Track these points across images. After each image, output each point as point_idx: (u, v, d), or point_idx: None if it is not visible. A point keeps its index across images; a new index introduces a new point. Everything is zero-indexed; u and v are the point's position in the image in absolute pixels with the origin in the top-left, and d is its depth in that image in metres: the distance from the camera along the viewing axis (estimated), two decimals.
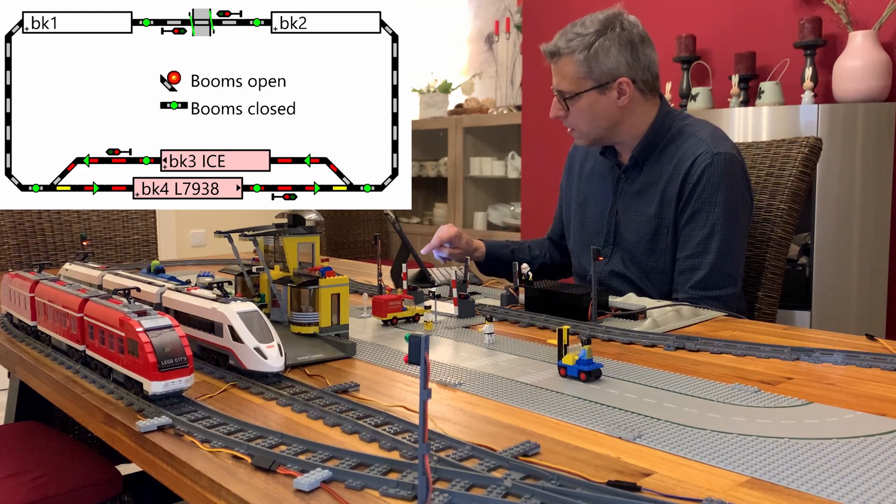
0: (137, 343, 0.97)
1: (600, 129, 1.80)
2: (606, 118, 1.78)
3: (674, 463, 0.80)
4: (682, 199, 1.73)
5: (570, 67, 1.76)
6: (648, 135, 1.80)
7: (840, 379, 1.09)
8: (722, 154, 1.71)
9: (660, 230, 1.77)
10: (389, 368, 1.19)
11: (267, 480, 0.78)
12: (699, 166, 1.71)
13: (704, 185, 1.70)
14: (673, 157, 1.77)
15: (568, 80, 1.77)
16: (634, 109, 1.79)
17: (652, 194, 1.78)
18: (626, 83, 1.75)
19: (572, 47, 1.75)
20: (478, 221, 4.71)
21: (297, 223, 1.38)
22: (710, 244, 1.69)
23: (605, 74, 1.74)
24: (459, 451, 0.82)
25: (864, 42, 2.71)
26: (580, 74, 1.75)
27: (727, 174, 1.70)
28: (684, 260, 1.73)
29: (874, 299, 2.80)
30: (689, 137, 1.77)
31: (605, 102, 1.77)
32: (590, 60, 1.74)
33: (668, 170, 1.76)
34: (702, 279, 1.69)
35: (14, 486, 1.51)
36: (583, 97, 1.76)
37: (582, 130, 1.82)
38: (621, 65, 1.74)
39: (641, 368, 1.15)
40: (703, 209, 1.71)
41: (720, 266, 1.69)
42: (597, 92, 1.76)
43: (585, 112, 1.78)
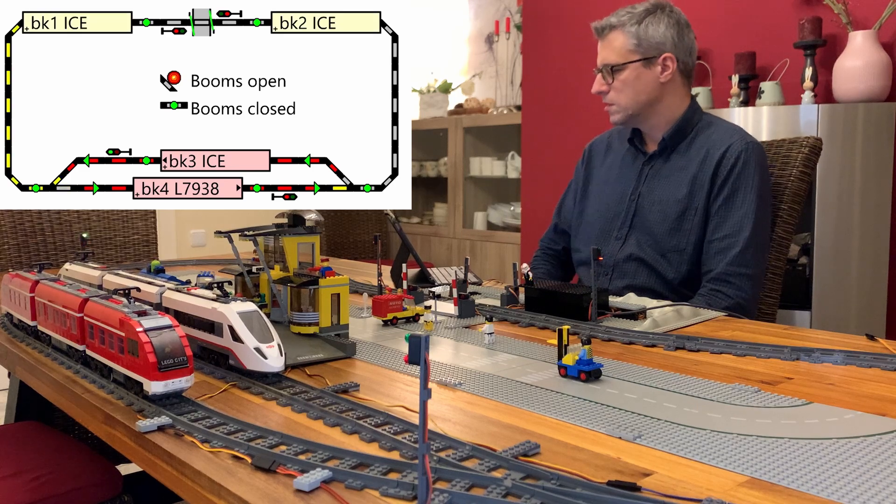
0: (137, 343, 0.97)
1: (639, 105, 1.88)
2: (647, 93, 1.87)
3: (674, 463, 0.80)
4: (717, 183, 1.80)
5: (620, 40, 1.86)
6: (679, 123, 1.88)
7: (840, 379, 1.09)
8: (753, 142, 1.82)
9: (688, 211, 1.83)
10: (389, 368, 1.19)
11: (267, 480, 0.78)
12: (734, 152, 1.80)
13: (740, 169, 1.79)
14: (702, 146, 1.85)
15: (616, 53, 1.87)
16: (674, 91, 1.88)
17: (680, 179, 1.86)
18: (671, 59, 1.85)
19: (623, 21, 1.86)
20: (478, 221, 4.71)
21: (297, 223, 1.38)
22: (745, 223, 1.77)
23: (652, 48, 1.85)
24: (459, 451, 0.82)
25: (864, 42, 2.71)
26: (629, 46, 1.85)
27: (760, 161, 1.81)
28: (721, 240, 1.78)
29: (874, 299, 2.80)
30: (718, 128, 1.87)
31: (648, 76, 1.86)
32: (639, 33, 1.85)
33: (697, 158, 1.85)
34: (737, 255, 1.75)
35: (14, 486, 1.51)
36: (628, 68, 1.86)
37: (622, 104, 1.89)
38: (668, 40, 1.85)
39: (641, 368, 1.15)
40: (738, 191, 1.78)
41: (754, 243, 1.76)
42: (642, 64, 1.85)
43: (629, 84, 1.86)
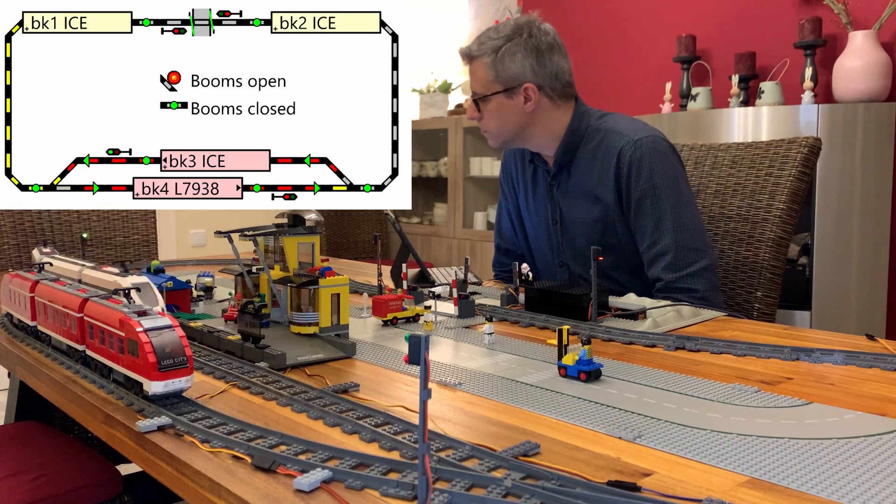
0: (137, 343, 0.97)
1: (510, 132, 1.83)
2: (515, 122, 1.81)
3: (674, 463, 0.80)
4: (622, 194, 1.75)
5: (481, 70, 1.79)
6: (566, 137, 1.82)
7: (840, 379, 1.09)
8: (643, 138, 1.73)
9: (606, 227, 1.78)
10: (389, 368, 1.19)
11: (267, 480, 0.78)
12: (625, 157, 1.73)
13: (636, 172, 1.72)
14: (596, 154, 1.79)
15: (479, 83, 1.80)
16: (544, 115, 1.81)
17: (588, 196, 1.80)
18: (532, 89, 1.77)
19: (482, 50, 1.78)
20: (478, 221, 4.71)
21: (297, 223, 1.38)
22: (664, 227, 1.71)
23: (511, 79, 1.77)
24: (459, 451, 0.82)
25: (864, 42, 2.71)
26: (489, 77, 1.78)
27: (654, 154, 1.72)
28: (647, 251, 1.74)
29: (874, 299, 2.80)
30: (607, 133, 1.79)
31: (512, 106, 1.79)
32: (496, 64, 1.77)
33: (595, 169, 1.78)
34: (669, 263, 1.70)
35: (14, 486, 1.51)
36: (492, 100, 1.80)
37: (492, 132, 1.85)
38: (526, 70, 1.77)
39: (641, 368, 1.15)
40: (645, 197, 1.72)
41: (681, 243, 1.70)
42: (504, 96, 1.79)
43: (495, 114, 1.81)
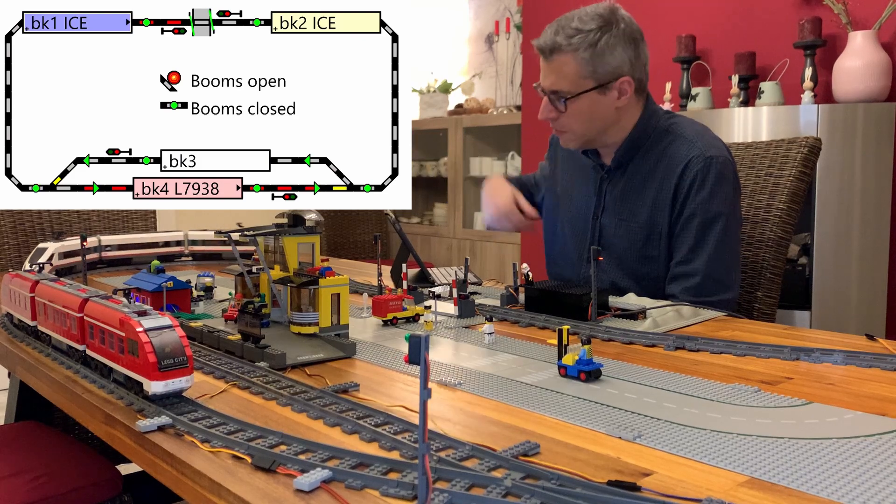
0: (137, 343, 0.97)
1: (594, 132, 1.73)
2: (603, 119, 1.70)
3: (674, 463, 0.80)
4: (677, 204, 1.68)
5: (572, 66, 1.65)
6: (633, 134, 1.73)
7: (840, 379, 1.09)
8: (715, 158, 1.66)
9: (651, 236, 1.71)
10: (389, 368, 1.19)
11: (267, 480, 0.78)
12: (692, 170, 1.65)
13: (698, 189, 1.65)
14: (661, 158, 1.71)
15: (568, 80, 1.66)
16: (626, 111, 1.72)
17: (641, 198, 1.72)
18: (628, 82, 1.67)
19: (574, 44, 1.64)
20: (478, 221, 4.71)
21: (297, 223, 1.38)
22: (702, 252, 1.65)
23: (608, 74, 1.65)
24: (459, 451, 0.82)
25: (864, 42, 2.71)
26: (584, 73, 1.65)
27: (719, 178, 1.65)
28: (675, 266, 1.69)
29: (874, 299, 2.80)
30: (677, 138, 1.71)
31: (604, 103, 1.68)
32: (595, 59, 1.64)
33: (657, 172, 1.70)
34: (693, 287, 1.65)
35: (14, 486, 1.51)
36: (582, 98, 1.66)
37: (576, 132, 1.73)
38: (625, 63, 1.66)
39: (641, 368, 1.15)
40: (695, 215, 1.66)
41: (711, 273, 1.65)
42: (597, 92, 1.66)
43: (584, 113, 1.69)
